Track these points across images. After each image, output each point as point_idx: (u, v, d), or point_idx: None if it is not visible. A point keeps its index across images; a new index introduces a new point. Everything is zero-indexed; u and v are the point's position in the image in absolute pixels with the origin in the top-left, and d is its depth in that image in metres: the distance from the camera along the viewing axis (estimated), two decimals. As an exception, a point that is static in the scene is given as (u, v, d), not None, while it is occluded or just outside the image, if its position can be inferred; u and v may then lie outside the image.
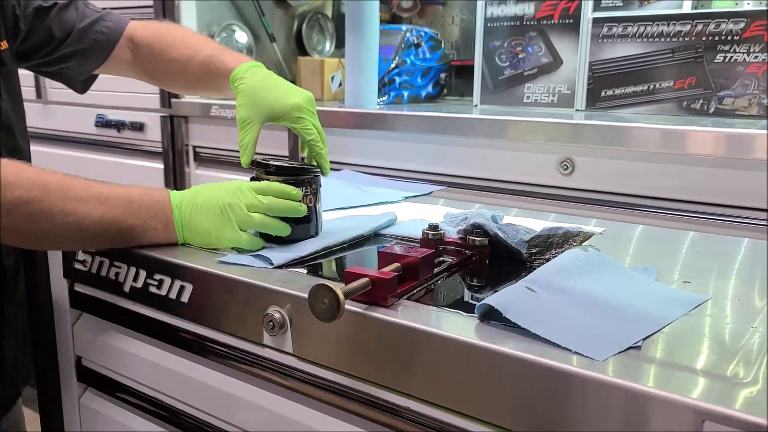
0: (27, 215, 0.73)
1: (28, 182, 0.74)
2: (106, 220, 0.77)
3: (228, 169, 1.87)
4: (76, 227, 0.76)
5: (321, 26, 2.32)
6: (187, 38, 1.12)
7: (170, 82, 1.16)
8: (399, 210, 1.07)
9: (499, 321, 0.60)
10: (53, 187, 0.75)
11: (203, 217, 0.81)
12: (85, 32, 1.07)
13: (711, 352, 0.57)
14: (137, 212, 0.79)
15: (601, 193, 1.31)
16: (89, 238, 0.79)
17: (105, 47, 1.09)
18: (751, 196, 1.16)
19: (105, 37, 1.08)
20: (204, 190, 0.83)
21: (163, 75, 1.13)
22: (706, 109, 1.47)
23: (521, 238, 0.82)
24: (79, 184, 0.78)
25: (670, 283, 0.74)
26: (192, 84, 1.13)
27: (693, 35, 1.47)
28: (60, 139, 2.29)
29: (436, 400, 0.61)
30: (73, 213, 0.75)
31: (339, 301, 0.59)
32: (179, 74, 1.11)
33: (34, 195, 0.73)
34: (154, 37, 1.11)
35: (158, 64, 1.11)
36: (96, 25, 1.08)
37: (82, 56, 1.08)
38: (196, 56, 1.08)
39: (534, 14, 1.69)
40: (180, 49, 1.10)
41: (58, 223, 0.75)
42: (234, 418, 0.78)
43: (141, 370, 0.88)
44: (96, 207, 0.77)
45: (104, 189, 0.79)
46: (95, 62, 1.11)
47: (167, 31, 1.13)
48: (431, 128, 1.50)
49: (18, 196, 0.72)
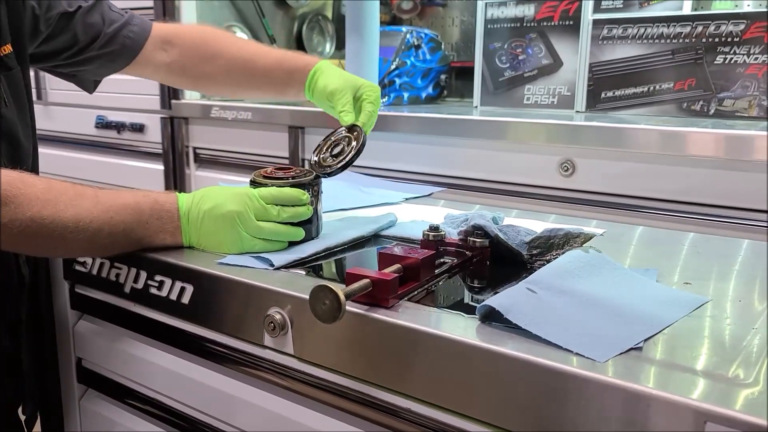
0: (42, 233, 0.74)
1: (38, 203, 0.74)
2: (116, 234, 0.78)
3: (228, 170, 1.87)
4: (88, 242, 0.77)
5: (321, 27, 2.32)
6: (244, 42, 1.19)
7: (222, 80, 1.16)
8: (399, 211, 1.07)
9: (500, 322, 0.60)
10: (63, 207, 0.75)
11: (212, 225, 0.81)
12: (113, 36, 1.07)
13: (712, 354, 0.57)
14: (147, 222, 0.80)
15: (601, 194, 1.31)
16: (100, 248, 0.81)
17: (132, 50, 1.10)
18: (752, 197, 1.16)
19: (132, 42, 1.09)
20: (209, 196, 0.82)
21: (213, 74, 1.14)
22: (706, 110, 1.47)
23: (522, 240, 0.82)
24: (88, 199, 0.78)
25: (671, 285, 0.74)
26: (253, 83, 1.14)
27: (693, 37, 1.47)
28: (60, 141, 2.29)
29: (437, 401, 0.60)
30: (84, 231, 0.76)
31: (340, 302, 0.59)
32: (238, 72, 1.13)
33: (47, 214, 0.74)
34: (209, 36, 1.14)
35: (209, 62, 1.13)
36: (124, 29, 1.08)
37: (107, 59, 1.09)
38: (268, 54, 1.13)
39: (534, 16, 1.69)
40: (241, 46, 1.14)
41: (70, 238, 0.76)
42: (235, 419, 0.78)
43: (141, 372, 0.88)
44: (107, 222, 0.77)
45: (112, 200, 0.79)
46: (120, 65, 1.11)
47: (220, 33, 1.17)
48: (432, 129, 1.50)
49: (29, 217, 0.73)
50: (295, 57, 1.12)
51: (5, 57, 0.91)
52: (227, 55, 1.13)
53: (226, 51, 1.13)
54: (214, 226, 0.81)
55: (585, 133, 1.32)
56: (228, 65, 1.13)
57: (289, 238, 0.84)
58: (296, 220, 0.84)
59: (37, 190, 0.75)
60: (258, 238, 0.81)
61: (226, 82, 1.17)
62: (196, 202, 0.82)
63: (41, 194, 0.75)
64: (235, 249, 0.81)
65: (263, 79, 1.13)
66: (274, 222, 0.82)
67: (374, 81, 1.70)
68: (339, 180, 1.34)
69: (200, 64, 1.13)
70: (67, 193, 0.77)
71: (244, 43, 1.19)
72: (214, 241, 0.81)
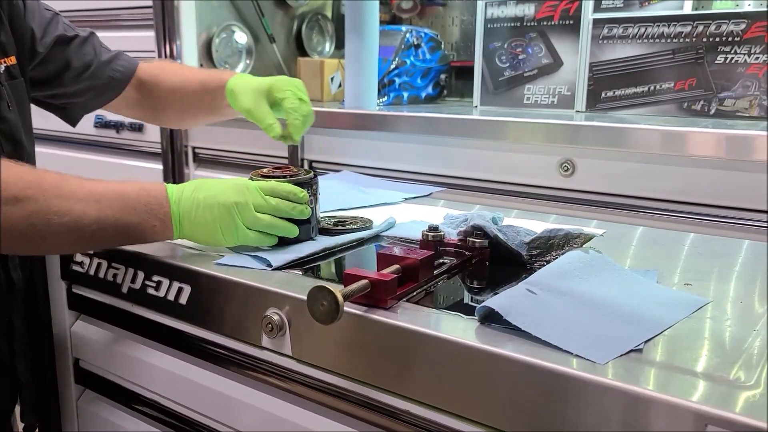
0: (23, 216, 0.72)
1: (22, 182, 0.72)
2: (103, 219, 0.75)
3: (227, 170, 1.86)
4: (73, 227, 0.74)
5: (321, 27, 2.31)
6: (185, 69, 1.20)
7: (165, 113, 1.19)
8: (399, 211, 1.06)
9: (500, 323, 0.59)
10: (48, 186, 0.74)
11: (207, 214, 0.79)
12: (103, 68, 1.10)
13: (713, 355, 0.56)
14: (134, 209, 0.77)
15: (601, 194, 1.31)
16: (87, 239, 0.77)
17: (120, 84, 1.13)
18: (752, 197, 1.16)
19: (120, 75, 1.12)
20: (205, 187, 0.81)
21: (164, 104, 1.16)
22: (706, 110, 1.46)
23: (522, 240, 0.82)
24: (73, 182, 0.76)
25: (671, 286, 0.74)
26: (188, 110, 1.17)
27: (693, 36, 1.47)
28: (59, 140, 2.28)
29: (435, 403, 0.60)
30: (69, 213, 0.73)
31: (338, 303, 0.58)
32: (176, 101, 1.15)
33: (30, 194, 0.72)
34: (158, 70, 1.16)
35: (160, 92, 1.15)
36: (113, 63, 1.12)
37: (96, 91, 1.11)
38: (194, 78, 1.14)
39: (534, 15, 1.68)
40: (179, 74, 1.16)
41: (54, 223, 0.73)
42: (233, 420, 0.77)
43: (139, 373, 0.87)
44: (92, 205, 0.75)
45: (99, 186, 0.77)
46: (107, 98, 1.14)
47: (168, 65, 1.22)
48: (431, 129, 1.49)
49: (13, 195, 0.71)
50: (215, 75, 1.13)
51: (11, 67, 0.94)
52: (173, 80, 1.15)
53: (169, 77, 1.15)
54: (210, 215, 0.79)
55: (585, 133, 1.32)
56: (165, 99, 1.16)
57: (283, 233, 0.83)
58: (294, 216, 0.83)
59: (22, 172, 0.74)
60: (252, 230, 0.80)
61: (180, 119, 1.21)
62: (189, 191, 0.81)
63: (26, 176, 0.74)
64: (229, 239, 0.80)
65: (196, 106, 1.16)
66: (272, 215, 0.81)
67: (374, 81, 1.70)
68: (337, 180, 1.34)
69: (156, 94, 1.16)
70: (50, 175, 0.76)
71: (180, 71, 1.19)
72: (207, 230, 0.80)
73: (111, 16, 2.01)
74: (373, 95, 1.70)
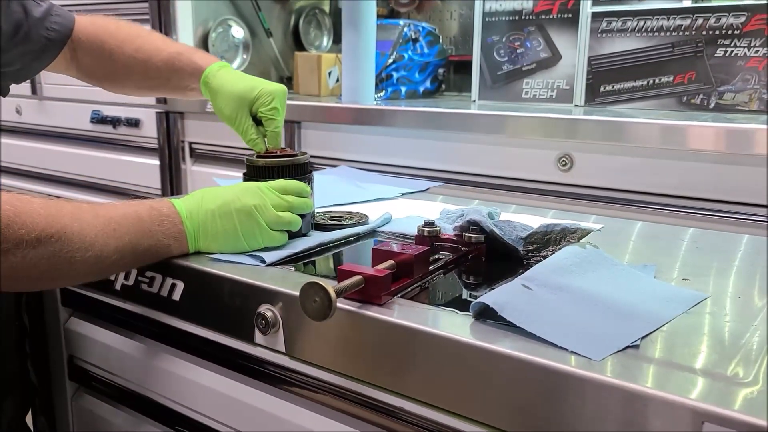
0: (44, 256, 0.66)
1: (42, 220, 0.66)
2: (122, 248, 0.72)
3: (224, 165, 1.86)
4: (95, 261, 0.70)
5: (318, 21, 2.30)
6: (146, 35, 1.06)
7: (122, 81, 1.08)
8: (395, 206, 1.06)
9: (495, 320, 0.59)
10: (67, 220, 0.68)
11: (227, 223, 0.78)
12: (38, 27, 0.97)
13: (711, 352, 0.56)
14: (149, 230, 0.75)
15: (599, 189, 1.30)
16: (106, 269, 0.74)
17: (55, 46, 1.00)
18: (752, 192, 1.15)
19: (56, 35, 0.99)
20: (210, 197, 0.79)
21: (114, 74, 1.06)
22: (706, 104, 1.45)
23: (518, 235, 0.81)
24: (87, 213, 0.71)
25: (669, 281, 0.73)
26: (150, 83, 1.06)
27: (693, 29, 1.46)
28: (55, 136, 2.27)
29: (430, 400, 0.59)
30: (91, 247, 0.69)
31: (331, 299, 0.58)
32: (136, 72, 1.04)
33: (52, 233, 0.66)
34: (105, 33, 1.04)
35: (109, 61, 1.04)
36: (46, 20, 0.99)
37: (31, 56, 0.98)
38: (160, 53, 1.03)
39: (532, 9, 1.67)
40: (139, 44, 1.03)
41: (77, 259, 0.69)
42: (227, 417, 0.77)
43: (133, 369, 0.87)
44: (110, 235, 0.71)
45: (112, 212, 0.73)
46: (43, 63, 1.01)
47: (120, 27, 1.06)
48: (429, 124, 1.49)
49: (35, 237, 0.65)
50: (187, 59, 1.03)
51: None
52: (128, 49, 1.04)
53: (125, 50, 1.04)
54: (230, 223, 0.78)
55: (583, 128, 1.31)
56: (126, 67, 1.04)
57: (296, 228, 0.84)
58: (304, 211, 0.85)
59: (38, 207, 0.67)
60: (274, 230, 0.80)
61: (127, 84, 1.10)
62: (196, 203, 0.78)
63: (43, 211, 0.67)
64: (252, 243, 0.79)
65: (159, 79, 1.05)
66: (290, 212, 0.82)
67: (371, 75, 1.69)
68: (334, 175, 1.33)
69: (99, 59, 1.05)
70: (66, 207, 0.70)
71: (142, 41, 1.06)
72: (226, 239, 0.78)
73: (107, 11, 2.00)
74: (370, 90, 1.69)
